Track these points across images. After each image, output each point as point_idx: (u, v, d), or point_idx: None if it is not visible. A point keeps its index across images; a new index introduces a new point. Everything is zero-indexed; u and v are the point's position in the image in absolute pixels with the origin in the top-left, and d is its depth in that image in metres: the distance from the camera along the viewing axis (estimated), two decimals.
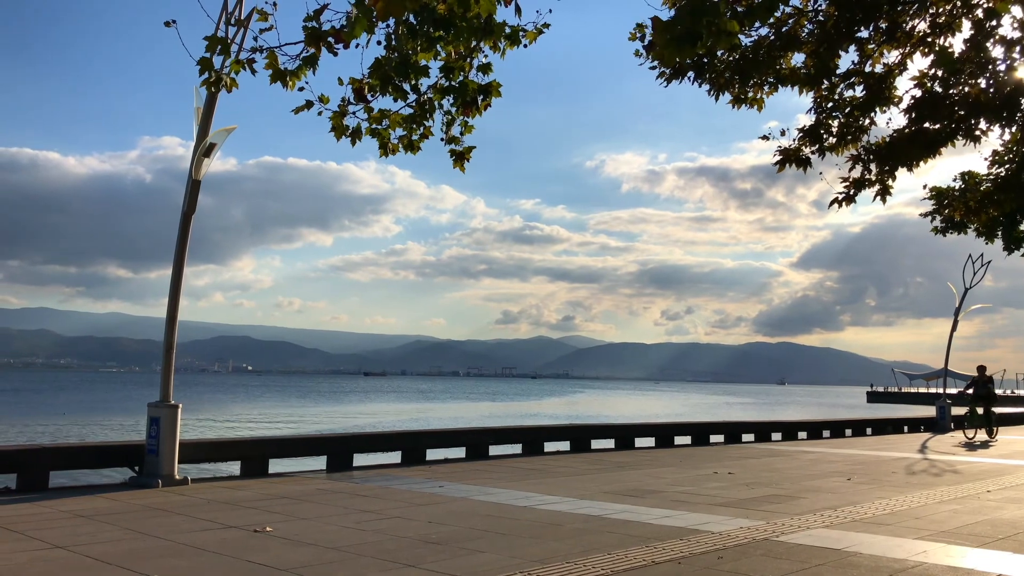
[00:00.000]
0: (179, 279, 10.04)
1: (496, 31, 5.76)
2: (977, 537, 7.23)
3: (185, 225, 10.03)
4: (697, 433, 18.89)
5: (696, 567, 5.92)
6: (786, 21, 8.35)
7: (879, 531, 7.46)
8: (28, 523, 7.17)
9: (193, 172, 9.88)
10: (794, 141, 9.28)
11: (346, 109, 6.00)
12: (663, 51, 4.19)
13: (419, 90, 6.07)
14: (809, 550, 6.55)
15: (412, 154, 6.46)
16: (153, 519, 7.51)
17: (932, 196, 13.81)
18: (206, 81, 5.56)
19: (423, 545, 6.54)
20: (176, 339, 10.11)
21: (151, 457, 9.65)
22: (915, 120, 8.57)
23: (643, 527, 7.50)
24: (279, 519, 7.56)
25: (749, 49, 8.39)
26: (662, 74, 8.53)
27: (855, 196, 9.10)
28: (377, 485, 10.09)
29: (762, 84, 8.77)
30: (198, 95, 9.67)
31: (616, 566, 5.87)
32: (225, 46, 5.43)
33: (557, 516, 8.10)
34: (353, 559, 6.03)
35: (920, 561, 6.18)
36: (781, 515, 8.27)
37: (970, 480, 11.84)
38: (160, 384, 9.88)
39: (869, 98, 8.71)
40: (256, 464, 11.21)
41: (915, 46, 8.31)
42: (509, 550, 6.38)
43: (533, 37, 5.99)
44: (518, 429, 17.28)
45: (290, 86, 5.55)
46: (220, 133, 9.87)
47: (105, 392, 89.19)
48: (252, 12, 8.47)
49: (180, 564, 5.76)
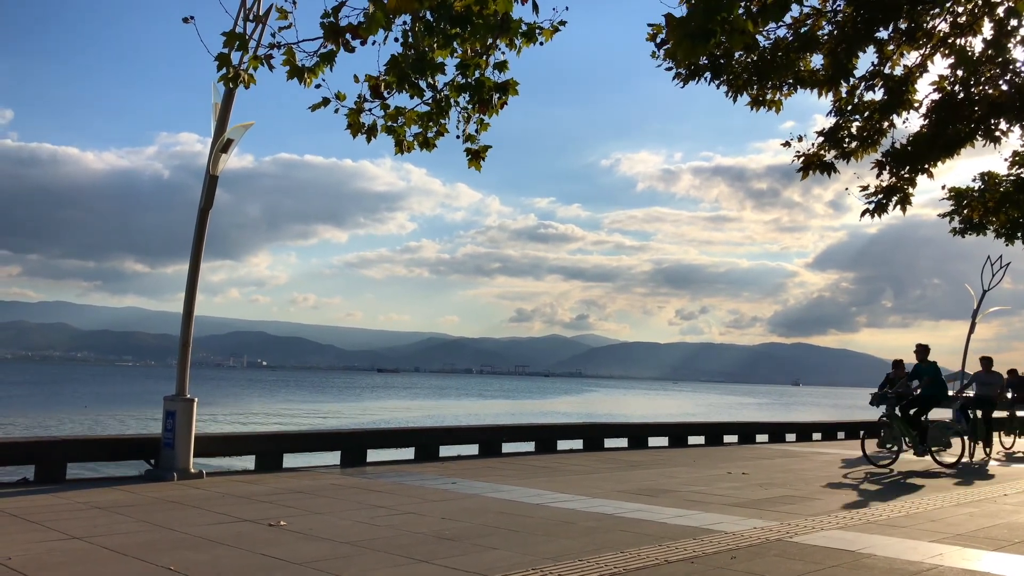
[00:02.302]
0: (196, 274, 10.10)
1: (513, 28, 5.77)
2: (993, 541, 7.18)
3: (202, 221, 10.08)
4: (711, 433, 18.84)
5: (709, 567, 5.91)
6: (804, 22, 8.31)
7: (894, 533, 7.42)
8: (46, 514, 7.25)
9: (210, 168, 9.93)
10: (812, 145, 9.23)
11: (362, 106, 6.02)
12: (676, 48, 4.19)
13: (435, 87, 6.08)
14: (823, 551, 6.52)
15: (427, 151, 6.47)
16: (169, 512, 7.57)
17: (951, 196, 13.70)
18: (224, 77, 5.60)
19: (436, 541, 6.56)
20: (192, 334, 10.18)
21: (167, 450, 9.72)
22: (936, 123, 8.51)
23: (656, 526, 7.49)
24: (293, 513, 7.60)
25: (767, 50, 8.36)
26: (678, 75, 8.51)
27: (887, 204, 8.99)
28: (390, 481, 10.13)
29: (780, 86, 8.73)
30: (216, 91, 9.72)
31: (629, 564, 5.86)
32: (243, 42, 5.46)
33: (570, 514, 8.11)
34: (366, 553, 6.05)
35: (935, 564, 6.14)
36: (795, 516, 8.24)
37: (986, 483, 11.75)
38: (176, 378, 9.95)
39: (889, 101, 8.64)
40: (270, 459, 11.27)
41: (935, 47, 8.25)
42: (522, 547, 6.39)
43: (549, 35, 5.99)
44: (531, 427, 17.28)
45: (307, 83, 5.57)
46: (237, 129, 9.92)
47: (121, 386, 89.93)
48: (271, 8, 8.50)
49: (196, 556, 5.81)
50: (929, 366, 13.88)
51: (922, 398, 13.74)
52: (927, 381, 13.71)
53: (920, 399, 13.75)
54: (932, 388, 13.70)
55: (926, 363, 13.94)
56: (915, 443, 13.57)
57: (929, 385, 13.69)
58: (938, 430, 13.69)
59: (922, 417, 13.71)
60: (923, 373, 13.97)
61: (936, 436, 13.57)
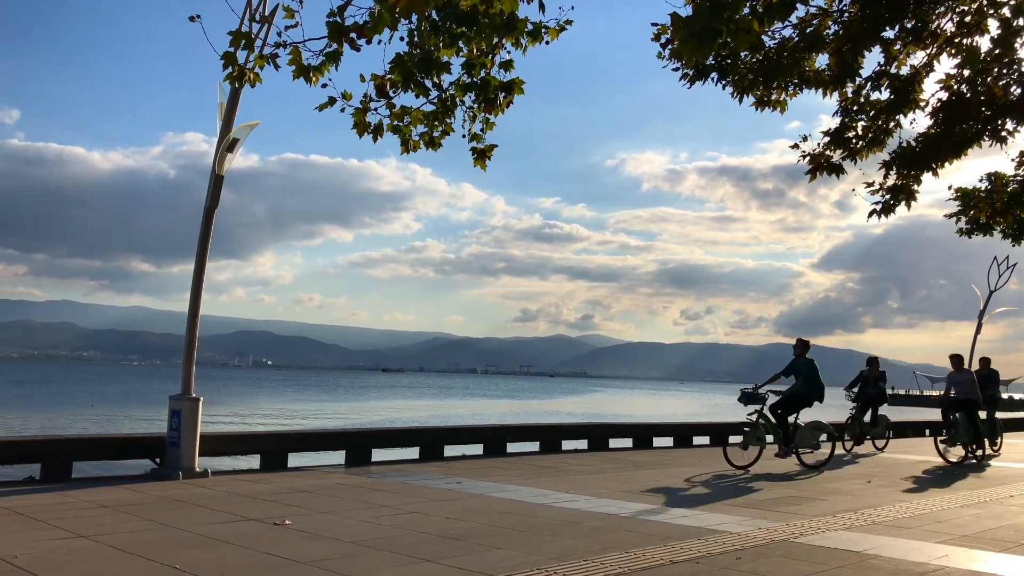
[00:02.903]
0: (201, 274, 10.12)
1: (519, 27, 5.77)
2: (999, 542, 7.15)
3: (208, 220, 10.10)
4: (715, 433, 18.80)
5: (714, 567, 5.90)
6: (810, 22, 8.29)
7: (899, 534, 7.40)
8: (51, 512, 7.27)
9: (216, 167, 9.95)
10: (818, 145, 9.21)
11: (368, 106, 6.02)
12: (682, 47, 4.20)
13: (441, 87, 6.08)
14: (828, 552, 6.50)
15: (433, 151, 6.48)
16: (174, 511, 7.59)
17: (957, 197, 13.66)
18: (230, 76, 5.61)
19: (441, 540, 6.56)
20: (198, 333, 10.19)
21: (172, 449, 9.74)
22: (942, 123, 8.48)
23: (661, 526, 7.48)
24: (298, 512, 7.61)
25: (773, 51, 8.34)
26: (685, 75, 8.50)
27: (895, 206, 8.98)
28: (395, 481, 10.13)
29: (786, 86, 8.71)
30: (222, 90, 9.74)
31: (634, 564, 5.86)
32: (249, 41, 5.47)
33: (575, 514, 8.10)
34: (371, 553, 6.06)
35: (941, 565, 6.13)
36: (800, 516, 8.22)
37: (993, 484, 11.70)
38: (181, 377, 9.97)
39: (895, 100, 8.62)
40: (275, 458, 11.29)
41: (941, 47, 8.22)
42: (527, 547, 6.39)
43: (555, 34, 5.99)
44: (536, 427, 17.29)
45: (313, 82, 5.58)
46: (243, 129, 9.94)
47: (127, 385, 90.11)
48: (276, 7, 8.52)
49: (201, 555, 5.82)
50: (806, 363, 13.03)
51: (793, 397, 12.88)
52: (802, 381, 12.89)
53: (791, 398, 12.89)
54: (805, 387, 12.87)
55: (803, 359, 13.12)
56: (780, 443, 12.78)
57: (803, 384, 12.88)
58: (808, 431, 12.88)
59: (790, 417, 12.84)
60: (799, 370, 13.07)
61: (805, 437, 12.82)
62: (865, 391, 16.91)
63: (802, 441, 12.80)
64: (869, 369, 17.09)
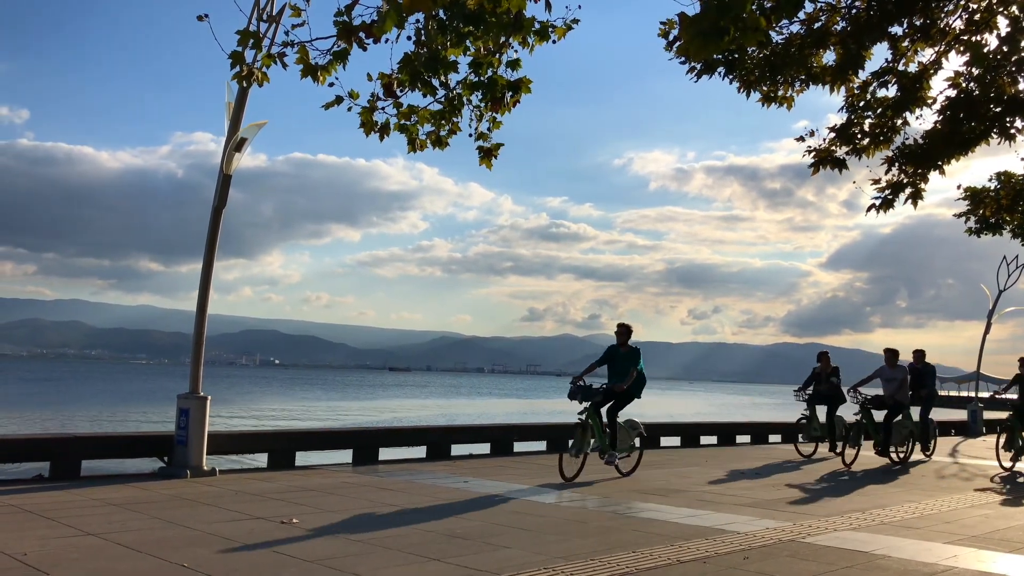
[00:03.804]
0: (209, 273, 10.14)
1: (526, 26, 5.76)
2: (1008, 543, 7.12)
3: (216, 219, 10.12)
4: (723, 433, 18.76)
5: (721, 567, 5.88)
6: (818, 17, 8.27)
7: (908, 534, 7.37)
8: (60, 510, 7.30)
9: (224, 167, 9.97)
10: (824, 140, 9.19)
11: (375, 105, 6.03)
12: (689, 46, 4.18)
13: (448, 86, 6.09)
14: (836, 552, 6.48)
15: (440, 150, 6.48)
16: (182, 509, 7.61)
17: (966, 196, 13.60)
18: (237, 75, 5.62)
19: (447, 539, 6.56)
20: (206, 332, 10.22)
21: (180, 448, 9.77)
22: (950, 120, 8.44)
23: (668, 526, 7.47)
24: (306, 511, 7.63)
25: (780, 46, 8.32)
26: (692, 69, 8.50)
27: (893, 201, 8.96)
28: (402, 479, 10.14)
29: (792, 82, 8.69)
30: (229, 90, 9.76)
31: (641, 564, 5.85)
32: (257, 40, 5.48)
33: (582, 513, 8.10)
34: (378, 551, 6.06)
35: (950, 566, 6.10)
36: (808, 516, 8.20)
37: (1001, 485, 11.64)
38: (189, 376, 9.99)
39: (902, 97, 8.59)
40: (283, 456, 11.31)
41: (950, 44, 8.19)
42: (534, 546, 6.38)
43: (562, 33, 5.99)
44: (543, 426, 17.26)
45: (320, 81, 5.59)
46: (251, 128, 9.96)
47: (135, 383, 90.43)
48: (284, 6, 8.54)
49: (209, 553, 5.83)
50: (632, 352, 10.97)
51: (627, 393, 10.80)
52: (634, 373, 10.74)
53: (626, 395, 10.82)
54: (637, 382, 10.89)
55: (626, 348, 11.06)
56: (603, 445, 10.68)
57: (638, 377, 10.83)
58: (625, 431, 11.08)
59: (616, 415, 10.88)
60: (627, 361, 10.95)
61: (623, 438, 11.05)
62: (818, 389, 14.98)
63: (621, 443, 11.00)
64: (821, 365, 15.18)
